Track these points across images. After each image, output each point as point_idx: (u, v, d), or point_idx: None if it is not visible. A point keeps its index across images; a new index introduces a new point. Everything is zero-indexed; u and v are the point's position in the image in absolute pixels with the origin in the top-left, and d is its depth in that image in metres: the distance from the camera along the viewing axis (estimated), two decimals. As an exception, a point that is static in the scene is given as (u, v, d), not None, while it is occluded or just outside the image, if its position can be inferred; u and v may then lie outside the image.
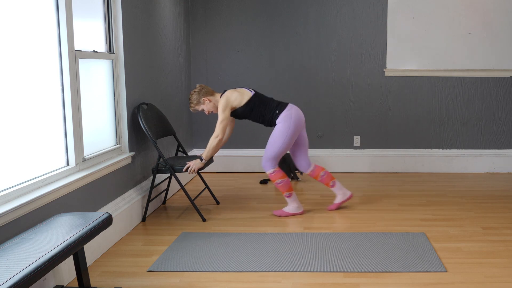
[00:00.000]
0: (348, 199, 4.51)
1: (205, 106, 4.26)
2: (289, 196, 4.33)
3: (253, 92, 4.25)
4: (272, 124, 4.24)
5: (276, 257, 3.41)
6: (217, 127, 4.13)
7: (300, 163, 4.44)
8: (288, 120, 4.15)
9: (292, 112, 4.18)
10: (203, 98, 4.24)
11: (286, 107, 4.20)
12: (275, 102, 4.25)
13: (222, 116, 4.13)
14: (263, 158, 4.28)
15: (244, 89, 4.27)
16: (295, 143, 4.36)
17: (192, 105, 4.30)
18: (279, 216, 4.34)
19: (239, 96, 4.19)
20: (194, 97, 4.26)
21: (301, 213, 4.39)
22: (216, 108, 4.25)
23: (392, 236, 3.80)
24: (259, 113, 4.22)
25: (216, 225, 4.15)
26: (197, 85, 4.32)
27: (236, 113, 4.24)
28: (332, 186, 4.47)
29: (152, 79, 4.70)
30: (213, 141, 4.16)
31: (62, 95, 3.29)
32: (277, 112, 4.19)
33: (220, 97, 4.23)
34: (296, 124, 4.17)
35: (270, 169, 4.25)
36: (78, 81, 3.38)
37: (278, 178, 4.26)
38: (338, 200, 4.49)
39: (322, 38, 5.92)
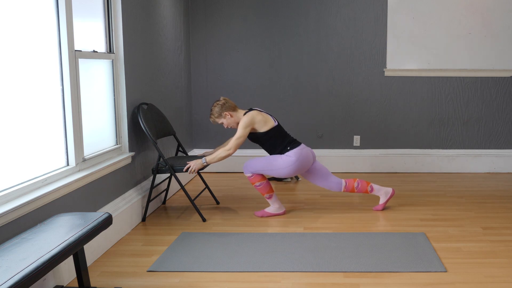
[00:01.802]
0: (391, 195, 4.44)
1: (226, 120, 4.24)
2: (269, 198, 4.33)
3: (276, 123, 4.24)
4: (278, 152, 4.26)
5: (276, 257, 3.41)
6: (233, 141, 4.12)
7: (330, 186, 4.38)
8: (294, 160, 4.15)
9: (302, 153, 4.19)
10: (225, 113, 4.21)
11: (299, 146, 4.21)
12: (290, 139, 4.26)
13: (241, 132, 4.11)
14: (247, 162, 4.28)
15: (269, 116, 4.24)
16: (312, 175, 4.37)
17: (213, 116, 4.27)
18: (261, 216, 4.35)
19: (263, 121, 4.17)
20: (217, 109, 4.23)
21: (283, 213, 4.39)
22: (236, 124, 4.23)
23: (392, 236, 3.80)
24: (274, 144, 4.22)
25: (216, 225, 4.15)
26: (221, 98, 4.27)
27: (254, 136, 4.24)
28: (371, 191, 4.41)
29: (152, 79, 4.70)
30: (223, 153, 4.13)
31: (62, 95, 3.29)
32: (288, 148, 4.19)
33: (244, 114, 4.21)
34: (301, 165, 4.19)
35: (248, 173, 4.27)
36: (78, 81, 3.39)
37: (257, 181, 4.27)
38: (382, 200, 4.46)
39: (322, 38, 5.92)
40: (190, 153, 5.97)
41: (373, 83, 5.95)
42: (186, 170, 4.21)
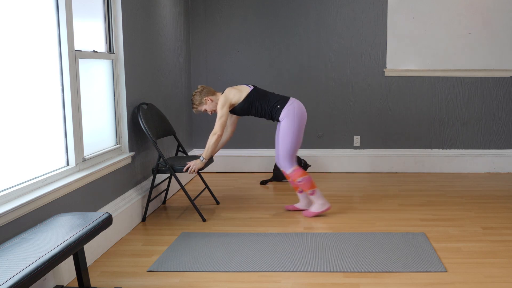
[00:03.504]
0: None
1: (207, 106, 4.26)
2: (312, 194, 4.26)
3: (252, 87, 4.24)
4: (274, 118, 4.22)
5: (276, 257, 3.41)
6: (216, 123, 4.13)
7: (277, 161, 4.36)
8: (291, 115, 4.13)
9: (295, 106, 4.16)
10: (205, 98, 4.24)
11: (288, 102, 4.18)
12: (276, 96, 4.23)
13: (221, 112, 4.13)
14: (279, 158, 4.23)
15: (243, 86, 4.27)
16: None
17: (194, 105, 4.30)
18: (308, 217, 4.29)
19: (238, 93, 4.19)
20: (196, 97, 4.27)
21: (328, 209, 4.31)
22: None
23: (392, 236, 3.80)
24: (260, 107, 4.20)
25: (216, 225, 4.15)
26: (198, 86, 4.32)
27: (236, 110, 4.24)
28: (300, 192, 4.43)
29: (152, 79, 4.70)
30: (211, 138, 4.15)
31: (62, 95, 3.29)
32: (278, 106, 4.16)
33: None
34: (299, 117, 4.15)
35: (289, 169, 4.21)
36: (78, 81, 3.39)
37: (299, 176, 4.21)
38: (298, 205, 4.47)
39: (322, 38, 5.92)
40: (190, 153, 5.97)
41: (373, 83, 5.95)
42: (186, 170, 4.21)
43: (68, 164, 3.35)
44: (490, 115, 5.96)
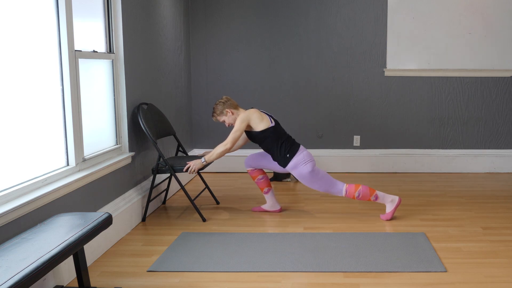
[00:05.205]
0: (274, 211, 4.46)
1: (227, 118, 4.26)
2: (376, 199, 4.21)
3: (273, 124, 4.19)
4: (280, 164, 4.19)
5: (276, 257, 3.41)
6: (229, 136, 4.12)
7: (250, 158, 4.42)
8: (301, 163, 4.12)
9: (304, 154, 4.16)
10: (226, 110, 4.23)
11: (297, 151, 4.16)
12: (288, 143, 4.19)
13: (237, 127, 4.11)
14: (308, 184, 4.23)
15: (266, 116, 4.21)
16: (267, 156, 4.35)
17: (215, 114, 4.30)
18: (388, 219, 4.21)
19: (259, 121, 4.14)
20: (219, 107, 4.26)
21: (399, 202, 4.22)
22: None
23: (392, 236, 3.80)
24: (270, 146, 4.18)
25: (216, 225, 4.15)
26: (224, 97, 4.31)
27: (250, 134, 4.24)
28: (266, 192, 4.45)
29: (152, 79, 4.70)
30: (220, 148, 4.13)
31: (62, 95, 3.29)
32: (288, 156, 4.15)
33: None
34: (310, 160, 4.16)
35: (342, 192, 4.19)
36: (78, 81, 3.39)
37: (355, 191, 4.17)
38: (265, 206, 4.50)
39: (322, 38, 5.92)
40: (190, 153, 5.97)
41: (373, 83, 5.95)
42: (186, 170, 4.21)
43: (68, 164, 3.35)
44: (490, 115, 5.96)
